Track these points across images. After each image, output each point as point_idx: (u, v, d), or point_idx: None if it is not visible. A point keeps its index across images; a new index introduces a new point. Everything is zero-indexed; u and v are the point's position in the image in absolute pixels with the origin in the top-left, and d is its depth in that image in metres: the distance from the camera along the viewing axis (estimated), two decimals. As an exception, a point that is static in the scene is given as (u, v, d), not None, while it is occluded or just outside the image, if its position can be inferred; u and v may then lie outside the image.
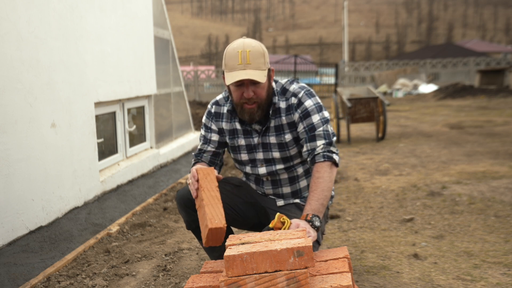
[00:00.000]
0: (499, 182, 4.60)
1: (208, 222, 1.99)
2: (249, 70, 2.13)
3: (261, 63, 2.16)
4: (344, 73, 26.02)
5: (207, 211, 2.02)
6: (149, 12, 6.08)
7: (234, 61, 2.14)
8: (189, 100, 13.85)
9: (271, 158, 2.37)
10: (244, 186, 2.49)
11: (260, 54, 2.16)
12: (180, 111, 7.53)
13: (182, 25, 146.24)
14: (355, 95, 8.30)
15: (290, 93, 2.32)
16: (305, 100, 2.28)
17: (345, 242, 3.25)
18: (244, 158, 2.42)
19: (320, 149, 2.23)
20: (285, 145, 2.33)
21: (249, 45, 2.16)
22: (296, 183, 2.43)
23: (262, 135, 2.35)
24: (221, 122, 2.44)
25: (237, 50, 2.15)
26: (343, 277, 1.69)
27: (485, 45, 56.38)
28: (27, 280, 2.85)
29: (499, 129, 8.39)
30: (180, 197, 2.36)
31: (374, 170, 5.52)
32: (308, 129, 2.26)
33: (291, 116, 2.30)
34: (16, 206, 3.46)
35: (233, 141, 2.42)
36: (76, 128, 4.29)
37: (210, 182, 2.11)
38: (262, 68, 2.16)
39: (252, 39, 2.23)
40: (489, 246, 3.05)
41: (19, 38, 3.53)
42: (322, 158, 2.20)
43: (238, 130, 2.39)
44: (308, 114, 2.27)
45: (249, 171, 2.44)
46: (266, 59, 2.20)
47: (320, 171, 2.17)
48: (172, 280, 2.74)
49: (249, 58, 2.13)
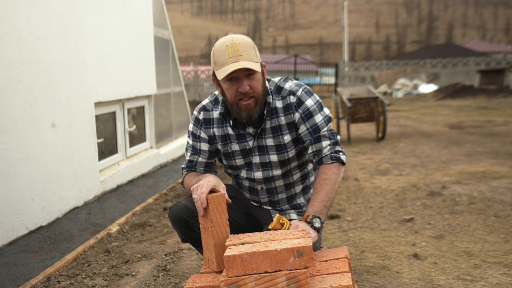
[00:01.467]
0: (499, 182, 4.60)
1: (215, 266, 1.92)
2: (242, 61, 2.02)
3: (253, 55, 2.06)
4: (344, 73, 26.04)
5: (215, 253, 1.92)
6: (149, 12, 6.08)
7: (225, 55, 2.03)
8: (189, 100, 13.86)
9: (268, 161, 2.25)
10: (239, 197, 2.37)
11: (250, 46, 2.06)
12: (180, 111, 7.53)
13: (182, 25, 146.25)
14: (355, 95, 8.30)
15: (286, 91, 2.21)
16: (305, 99, 2.18)
17: (345, 242, 3.25)
18: (240, 163, 2.29)
19: (327, 150, 2.17)
20: (283, 146, 2.22)
21: (237, 38, 2.06)
22: (292, 188, 2.34)
23: (258, 138, 2.22)
24: (212, 129, 2.27)
25: (226, 44, 2.04)
26: (343, 277, 1.69)
27: (485, 45, 56.39)
28: (27, 280, 2.85)
29: (499, 129, 8.39)
30: (173, 216, 2.19)
31: (374, 170, 5.52)
32: (312, 130, 2.18)
33: (290, 116, 2.19)
34: (16, 206, 3.46)
35: (226, 147, 2.26)
36: (76, 128, 4.29)
37: (221, 214, 1.93)
38: (255, 60, 2.06)
39: (239, 34, 2.14)
40: (489, 246, 3.05)
41: (19, 38, 3.53)
42: (330, 159, 2.15)
43: (231, 135, 2.24)
44: (311, 114, 2.18)
45: (244, 175, 2.31)
46: (257, 52, 2.10)
47: (327, 173, 2.12)
48: (172, 280, 2.74)
49: (239, 50, 2.02)
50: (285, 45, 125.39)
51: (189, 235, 2.21)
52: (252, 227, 2.39)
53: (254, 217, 2.39)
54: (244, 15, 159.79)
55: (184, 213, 2.16)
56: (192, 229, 2.17)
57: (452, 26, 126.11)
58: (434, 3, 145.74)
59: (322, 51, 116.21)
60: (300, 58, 23.24)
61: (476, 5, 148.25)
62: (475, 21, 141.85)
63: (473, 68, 25.08)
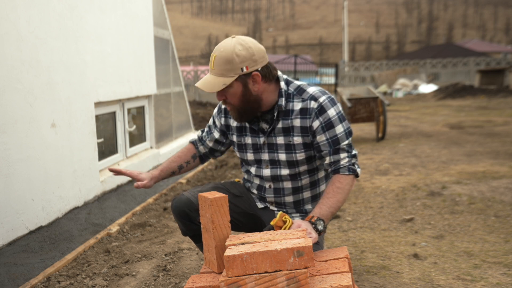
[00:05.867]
0: (499, 182, 4.60)
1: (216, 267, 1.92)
2: (210, 76, 2.09)
3: (226, 70, 2.06)
4: (344, 73, 26.04)
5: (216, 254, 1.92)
6: (149, 12, 6.08)
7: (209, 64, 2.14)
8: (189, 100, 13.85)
9: (277, 159, 2.27)
10: (244, 196, 2.40)
11: (225, 61, 2.05)
12: (180, 111, 7.53)
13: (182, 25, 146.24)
14: (355, 95, 8.30)
15: (308, 94, 2.19)
16: (328, 108, 2.15)
17: (345, 242, 3.25)
18: (250, 158, 2.34)
19: (345, 162, 2.17)
20: (292, 146, 2.22)
21: (219, 49, 2.08)
22: (300, 193, 2.33)
23: (268, 135, 2.26)
24: (231, 118, 2.36)
25: (213, 53, 2.11)
26: (343, 277, 1.69)
27: (485, 45, 56.37)
28: (27, 280, 2.85)
29: (499, 129, 8.40)
30: (175, 208, 2.27)
31: (374, 170, 5.52)
32: (331, 141, 2.17)
33: (307, 120, 2.17)
34: (16, 206, 3.46)
35: (241, 139, 2.34)
36: (76, 128, 4.29)
37: (223, 216, 1.94)
38: (226, 75, 2.06)
39: (235, 41, 2.10)
40: (489, 246, 3.05)
41: (19, 38, 3.53)
42: (347, 171, 2.16)
43: (247, 128, 2.31)
44: (332, 125, 2.15)
45: (254, 172, 2.35)
46: (237, 65, 2.06)
47: (342, 182, 2.13)
48: (172, 280, 2.74)
49: (214, 64, 2.08)
50: (285, 45, 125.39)
51: (190, 227, 2.26)
52: (255, 227, 2.40)
53: (259, 218, 2.39)
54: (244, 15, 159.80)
55: (186, 206, 2.22)
56: (193, 221, 2.23)
57: (452, 26, 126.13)
58: (434, 3, 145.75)
59: (322, 51, 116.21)
60: (300, 58, 23.23)
61: (476, 5, 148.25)
62: (475, 21, 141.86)
63: (473, 68, 25.09)
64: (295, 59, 22.50)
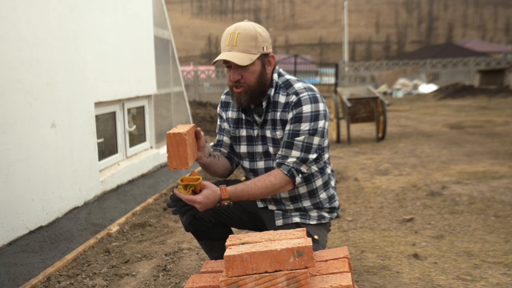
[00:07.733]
0: (499, 182, 4.60)
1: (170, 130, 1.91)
2: (234, 52, 2.06)
3: (250, 46, 2.07)
4: (344, 73, 26.03)
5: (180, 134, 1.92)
6: (149, 12, 6.08)
7: (224, 42, 2.09)
8: (189, 100, 13.83)
9: (269, 152, 2.28)
10: None
11: (250, 37, 2.07)
12: (180, 111, 7.53)
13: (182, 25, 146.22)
14: (355, 95, 8.31)
15: (293, 89, 2.18)
16: (304, 104, 2.13)
17: (345, 242, 3.25)
18: (243, 151, 2.33)
19: (291, 162, 2.13)
20: (277, 141, 2.23)
21: (241, 27, 2.08)
22: (294, 188, 2.29)
23: (261, 127, 2.26)
24: (228, 111, 2.37)
25: (229, 31, 2.10)
26: (343, 277, 1.69)
27: (485, 45, 56.38)
28: (27, 280, 2.85)
29: (499, 129, 8.40)
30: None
31: (374, 170, 5.52)
32: (291, 133, 2.14)
33: (286, 113, 2.18)
34: (16, 206, 3.46)
35: (235, 131, 2.33)
36: (76, 128, 4.29)
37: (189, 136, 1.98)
38: (250, 52, 2.07)
39: (251, 23, 2.13)
40: (489, 246, 3.05)
41: (19, 38, 3.53)
42: (287, 172, 2.12)
43: (243, 120, 2.31)
44: (300, 119, 2.12)
45: (247, 165, 2.34)
46: (260, 43, 2.10)
47: (277, 179, 2.11)
48: (172, 280, 2.74)
49: (236, 40, 2.06)
50: (285, 45, 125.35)
51: (192, 221, 2.28)
52: (257, 226, 2.43)
53: (259, 216, 2.40)
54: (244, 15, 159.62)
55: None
56: (195, 216, 2.25)
57: (452, 26, 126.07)
58: (434, 3, 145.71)
59: (322, 51, 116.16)
60: (300, 58, 23.24)
61: (476, 5, 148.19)
62: (475, 21, 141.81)
63: (473, 68, 25.08)
64: (295, 59, 22.51)
